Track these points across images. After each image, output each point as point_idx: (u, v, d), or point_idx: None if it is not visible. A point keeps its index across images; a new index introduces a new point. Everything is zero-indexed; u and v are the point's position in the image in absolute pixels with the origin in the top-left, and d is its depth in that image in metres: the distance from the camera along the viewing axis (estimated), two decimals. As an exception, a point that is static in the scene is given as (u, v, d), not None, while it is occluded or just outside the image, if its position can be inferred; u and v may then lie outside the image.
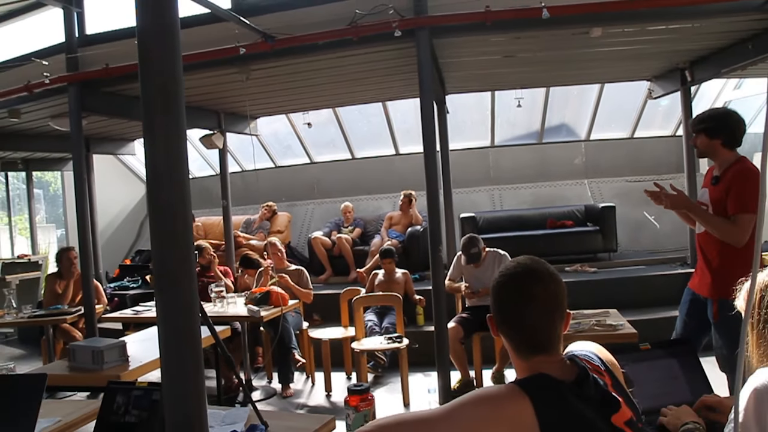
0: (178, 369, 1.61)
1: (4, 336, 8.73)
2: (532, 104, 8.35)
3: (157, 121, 1.59)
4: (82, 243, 5.74)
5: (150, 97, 1.60)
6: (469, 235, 5.46)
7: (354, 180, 9.36)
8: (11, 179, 11.20)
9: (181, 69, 1.63)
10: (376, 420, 1.48)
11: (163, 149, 1.59)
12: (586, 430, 1.34)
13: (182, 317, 1.62)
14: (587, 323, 4.06)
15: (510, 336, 1.48)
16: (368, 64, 5.67)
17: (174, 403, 1.62)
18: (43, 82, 5.51)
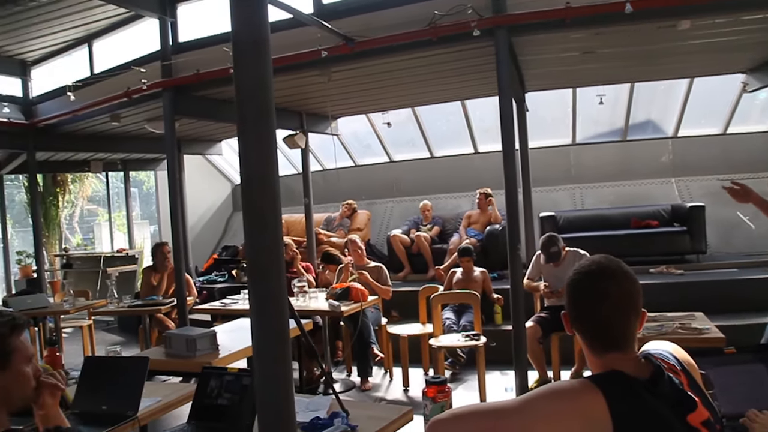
0: (268, 357, 1.74)
1: (106, 324, 9.35)
2: (616, 101, 8.13)
3: (250, 123, 1.73)
4: (174, 238, 6.07)
5: (244, 101, 1.73)
6: (548, 234, 5.42)
7: (433, 178, 9.41)
8: (111, 178, 11.94)
9: (271, 74, 1.76)
10: (452, 409, 1.54)
11: (256, 150, 1.72)
12: (660, 427, 1.34)
13: (272, 309, 1.74)
14: (670, 326, 3.96)
15: (584, 333, 1.50)
16: (446, 64, 5.71)
17: (264, 389, 1.75)
18: (141, 88, 5.88)
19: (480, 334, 5.19)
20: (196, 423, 2.47)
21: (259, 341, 1.74)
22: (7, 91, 7.97)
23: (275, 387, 1.73)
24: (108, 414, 2.63)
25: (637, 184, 8.63)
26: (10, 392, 1.65)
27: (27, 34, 7.02)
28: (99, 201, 13.81)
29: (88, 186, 12.44)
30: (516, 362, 4.71)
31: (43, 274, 8.81)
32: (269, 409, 1.74)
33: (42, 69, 8.05)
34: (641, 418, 1.33)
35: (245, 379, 2.47)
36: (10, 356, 1.65)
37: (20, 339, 1.70)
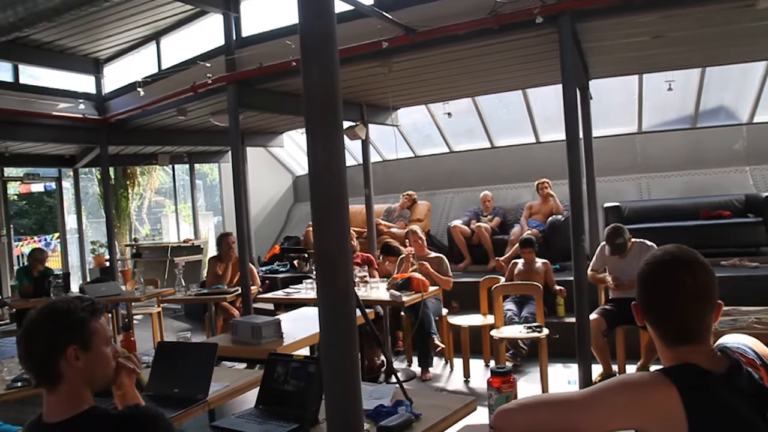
0: (336, 345, 1.77)
1: (173, 311, 9.69)
2: (685, 86, 7.83)
3: (318, 114, 1.75)
4: (238, 229, 6.23)
5: (311, 93, 1.76)
6: (614, 225, 5.28)
7: (493, 169, 9.31)
8: (177, 171, 12.34)
9: (338, 65, 1.78)
10: (519, 399, 1.53)
11: (324, 141, 1.75)
12: (738, 423, 1.29)
13: (340, 297, 1.76)
14: (745, 320, 3.81)
15: (656, 324, 1.46)
16: (508, 52, 5.64)
17: (332, 376, 1.78)
18: (206, 83, 6.05)
19: (542, 326, 5.12)
20: (264, 407, 2.53)
21: (327, 329, 1.77)
22: (82, 88, 8.35)
23: (343, 374, 1.77)
24: (180, 397, 2.72)
25: (708, 173, 8.29)
26: (93, 372, 1.73)
27: (100, 33, 7.33)
28: (165, 193, 14.30)
29: (156, 178, 12.92)
30: (579, 355, 4.64)
31: (115, 263, 9.19)
32: (337, 396, 1.78)
33: (113, 66, 8.39)
34: (717, 413, 1.29)
35: (311, 366, 2.51)
36: (91, 338, 1.73)
37: (99, 322, 1.78)
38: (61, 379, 1.67)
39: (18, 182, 12.28)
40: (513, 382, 2.04)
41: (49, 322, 1.70)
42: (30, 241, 13.99)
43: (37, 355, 1.68)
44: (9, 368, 3.51)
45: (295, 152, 11.62)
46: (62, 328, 1.69)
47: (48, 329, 1.69)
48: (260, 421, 2.42)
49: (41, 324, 1.70)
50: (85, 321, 1.73)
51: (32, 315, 1.73)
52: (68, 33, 7.15)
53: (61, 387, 1.68)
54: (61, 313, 1.71)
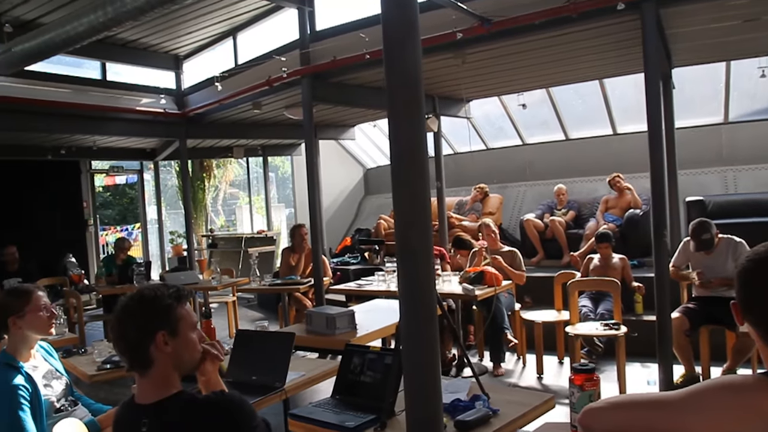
0: (416, 336, 1.76)
1: (247, 301, 9.95)
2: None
3: (401, 105, 1.74)
4: (311, 221, 6.31)
5: (394, 83, 1.75)
6: (700, 220, 5.03)
7: (568, 161, 9.08)
8: (251, 164, 12.65)
9: (420, 55, 1.76)
10: (608, 397, 1.48)
11: (407, 131, 1.74)
12: None
13: (421, 288, 1.75)
14: None
15: (759, 325, 1.37)
16: (586, 41, 5.47)
17: (413, 368, 1.77)
18: (281, 77, 6.15)
19: (620, 324, 4.95)
20: (340, 398, 2.55)
21: (408, 320, 1.76)
22: (162, 84, 8.67)
23: (424, 367, 1.75)
24: (258, 384, 2.79)
25: (803, 166, 7.80)
26: (181, 357, 1.79)
27: (180, 30, 7.59)
28: (239, 185, 14.69)
29: (231, 171, 13.28)
30: (660, 355, 4.46)
31: (193, 253, 9.51)
32: (417, 388, 1.77)
33: (192, 62, 8.66)
34: None
35: (387, 358, 2.51)
36: (178, 324, 1.79)
37: (185, 308, 1.84)
38: (151, 363, 1.74)
39: (103, 174, 12.89)
40: (597, 380, 1.97)
41: (140, 308, 1.77)
42: (113, 230, 14.70)
43: (129, 339, 1.75)
44: (99, 350, 3.70)
45: (366, 145, 11.69)
46: (151, 315, 1.76)
47: (138, 315, 1.76)
48: (337, 411, 2.44)
49: (132, 310, 1.77)
50: (171, 307, 1.79)
51: (123, 302, 1.81)
52: (151, 31, 7.44)
53: (151, 371, 1.75)
54: (149, 300, 1.78)
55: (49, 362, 2.86)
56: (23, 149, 9.20)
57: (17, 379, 2.56)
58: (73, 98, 7.44)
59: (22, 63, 5.88)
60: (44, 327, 2.77)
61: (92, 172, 11.43)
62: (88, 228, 11.14)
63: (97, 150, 9.71)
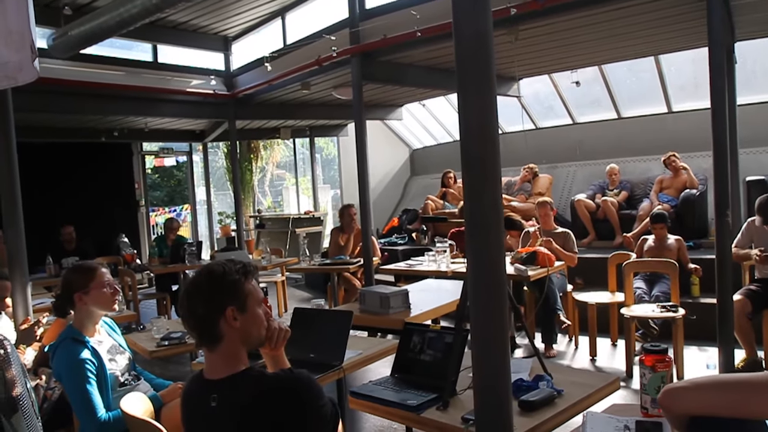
0: (486, 312, 1.72)
1: (294, 281, 10.06)
2: None
3: (472, 78, 1.69)
4: (361, 201, 6.31)
5: (464, 56, 1.70)
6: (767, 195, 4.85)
7: (620, 141, 8.83)
8: (297, 145, 12.73)
9: (491, 27, 1.71)
10: (691, 378, 1.43)
11: (477, 104, 1.69)
12: None
13: (491, 264, 1.71)
14: None
15: None
16: (644, 15, 5.28)
17: (482, 346, 1.74)
18: (331, 56, 6.13)
19: (678, 306, 4.82)
20: (400, 376, 2.55)
21: (478, 299, 1.73)
22: (212, 65, 8.76)
23: (494, 345, 1.72)
24: (316, 362, 2.80)
25: None
26: (249, 332, 1.80)
27: (228, 12, 7.63)
28: (286, 166, 14.81)
29: (277, 152, 13.37)
30: (720, 338, 4.32)
31: (242, 233, 9.64)
32: (487, 367, 1.74)
33: (241, 43, 8.71)
34: None
35: (448, 337, 2.49)
36: (246, 299, 1.80)
37: (252, 284, 1.84)
38: (220, 338, 1.75)
39: (153, 156, 13.15)
40: (669, 361, 1.92)
41: (209, 284, 1.78)
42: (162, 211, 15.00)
43: (198, 315, 1.76)
44: (157, 327, 3.78)
45: (412, 125, 11.62)
46: (220, 290, 1.77)
47: (207, 291, 1.77)
48: (397, 389, 2.43)
49: (201, 286, 1.78)
50: (239, 282, 1.80)
51: (192, 278, 1.83)
52: (200, 13, 7.50)
53: (221, 346, 1.76)
54: (218, 276, 1.79)
55: (113, 337, 2.93)
56: (79, 131, 9.46)
57: (84, 353, 2.62)
58: (125, 80, 7.59)
59: (78, 46, 6.01)
60: (108, 303, 2.83)
61: (143, 154, 11.68)
62: (140, 209, 11.41)
63: (148, 132, 9.91)
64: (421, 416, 2.18)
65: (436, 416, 2.16)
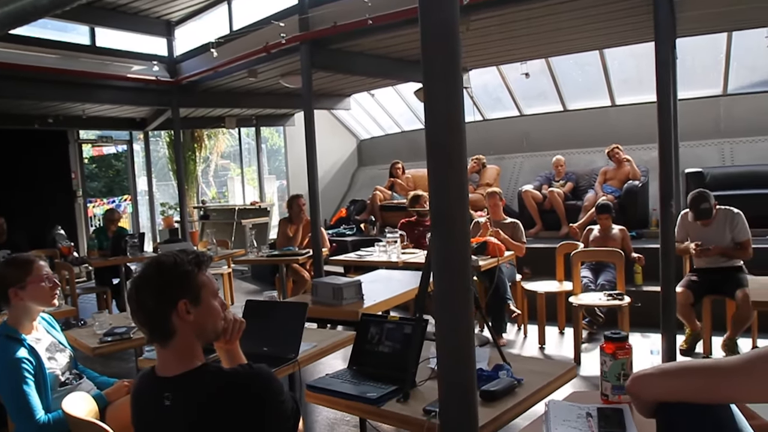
0: (451, 302, 1.69)
1: (240, 273, 9.88)
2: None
3: (437, 65, 1.65)
4: (310, 191, 6.21)
5: (430, 42, 1.66)
6: (698, 190, 5.02)
7: (565, 133, 9.01)
8: (242, 134, 12.48)
9: (458, 13, 1.67)
10: (659, 365, 1.43)
11: (443, 93, 1.65)
12: None
13: (457, 256, 1.68)
14: None
15: None
16: (593, 8, 5.35)
17: (447, 336, 1.71)
18: (280, 43, 5.98)
19: (623, 294, 4.94)
20: (358, 368, 2.50)
21: (443, 289, 1.70)
22: (154, 51, 8.45)
23: (459, 335, 1.69)
24: (270, 356, 2.72)
25: (799, 138, 7.80)
26: (204, 326, 1.72)
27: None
28: (231, 156, 14.51)
29: (222, 142, 13.08)
30: (664, 325, 4.46)
31: (186, 224, 9.39)
32: (452, 357, 1.71)
33: (185, 28, 8.43)
34: None
35: (407, 327, 2.46)
36: (200, 291, 1.71)
37: (206, 274, 1.76)
38: (173, 333, 1.66)
39: (91, 145, 12.65)
40: (629, 348, 1.93)
41: (159, 276, 1.69)
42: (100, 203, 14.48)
43: (149, 310, 1.67)
44: (100, 323, 3.61)
45: (360, 116, 11.55)
46: (172, 282, 1.68)
47: (158, 284, 1.68)
48: (356, 382, 2.38)
49: (151, 279, 1.69)
50: (192, 274, 1.71)
51: (141, 270, 1.73)
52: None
53: (174, 342, 1.67)
54: (168, 267, 1.70)
55: (52, 335, 2.78)
56: (9, 118, 8.96)
57: (20, 351, 2.48)
58: (61, 64, 7.23)
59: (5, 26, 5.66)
60: (47, 298, 2.69)
61: (80, 142, 11.21)
62: (77, 199, 10.97)
63: (86, 119, 9.51)
64: (381, 409, 2.14)
65: (397, 408, 2.12)
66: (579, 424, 1.75)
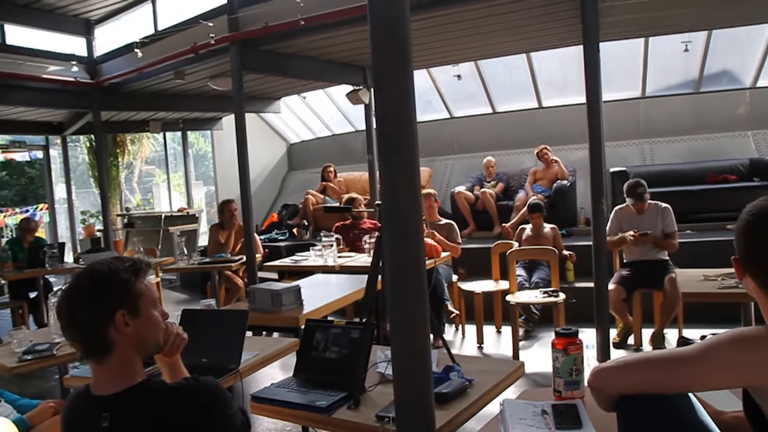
0: (406, 304, 1.65)
1: (169, 282, 9.53)
2: (691, 50, 7.72)
3: (389, 61, 1.61)
4: (242, 197, 6.06)
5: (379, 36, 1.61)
6: (634, 179, 5.20)
7: (495, 134, 9.17)
8: (168, 139, 12.07)
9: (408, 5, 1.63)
10: (620, 357, 1.44)
11: (395, 88, 1.61)
12: None
13: (411, 254, 1.64)
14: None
15: (762, 277, 1.36)
16: (521, 12, 5.45)
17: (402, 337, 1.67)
18: (208, 43, 5.80)
19: (558, 291, 5.05)
20: (304, 376, 2.42)
21: (397, 289, 1.65)
22: (72, 51, 8.03)
23: (415, 336, 1.66)
24: (210, 367, 2.59)
25: (711, 138, 8.24)
26: (144, 339, 1.60)
27: (90, -8, 7.03)
28: (156, 162, 14.03)
29: (147, 147, 12.61)
30: (598, 320, 4.61)
31: (110, 233, 8.98)
32: (407, 359, 1.67)
33: (106, 28, 8.06)
34: None
35: (354, 332, 2.40)
36: (138, 301, 1.59)
37: (144, 283, 1.64)
38: (110, 348, 1.53)
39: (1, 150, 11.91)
40: (579, 344, 1.94)
41: (93, 286, 1.55)
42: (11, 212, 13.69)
43: (82, 323, 1.52)
44: (18, 340, 3.36)
45: (290, 119, 11.39)
46: (107, 292, 1.55)
47: (91, 294, 1.54)
48: (303, 390, 2.30)
49: (84, 290, 1.55)
50: (129, 282, 1.58)
51: (72, 281, 1.58)
52: (57, -9, 6.85)
53: (111, 357, 1.54)
54: (103, 276, 1.56)
55: (-35, 355, 2.56)
56: None
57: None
58: (-33, 63, 6.77)
59: None
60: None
61: (-10, 148, 10.55)
62: (-13, 209, 10.31)
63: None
64: (332, 417, 2.07)
65: (348, 416, 2.05)
66: (535, 422, 1.74)
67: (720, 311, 4.60)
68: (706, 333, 2.68)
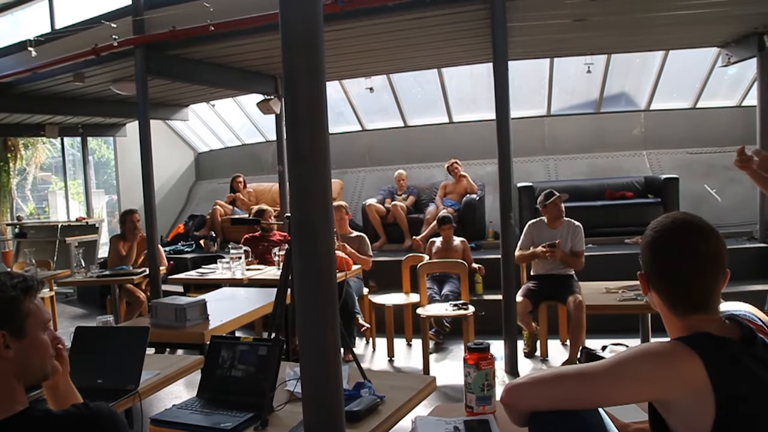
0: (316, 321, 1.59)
1: (65, 296, 8.97)
2: (592, 72, 8.12)
3: (300, 66, 1.55)
4: (146, 207, 5.81)
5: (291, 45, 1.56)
6: (548, 189, 5.36)
7: (406, 148, 9.27)
8: (66, 145, 11.40)
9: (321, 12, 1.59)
10: (533, 373, 1.45)
11: (306, 94, 1.55)
12: (761, 389, 1.26)
13: (322, 268, 1.59)
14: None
15: (665, 293, 1.40)
16: (433, 28, 5.54)
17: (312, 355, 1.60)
18: (111, 45, 5.52)
19: (468, 303, 5.12)
20: (209, 396, 2.30)
21: (306, 305, 1.59)
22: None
23: (326, 353, 1.59)
24: (105, 389, 2.42)
25: (610, 156, 8.70)
26: (28, 363, 1.45)
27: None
28: (52, 168, 13.20)
29: (42, 152, 11.83)
30: (506, 332, 4.69)
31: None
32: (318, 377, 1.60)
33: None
34: (741, 380, 1.25)
35: (261, 349, 2.31)
36: (25, 322, 1.44)
37: (34, 302, 1.49)
38: None
39: None
40: (491, 359, 1.94)
41: None
42: None
43: None
44: None
45: (198, 128, 11.04)
46: None
47: None
48: (208, 411, 2.19)
49: None
50: (16, 301, 1.44)
51: None
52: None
53: None
54: None
55: None
56: None
57: None
58: None
59: None
60: None
61: None
62: None
63: None
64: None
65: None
66: (448, 438, 1.73)
67: (620, 322, 4.82)
68: (607, 343, 2.80)
